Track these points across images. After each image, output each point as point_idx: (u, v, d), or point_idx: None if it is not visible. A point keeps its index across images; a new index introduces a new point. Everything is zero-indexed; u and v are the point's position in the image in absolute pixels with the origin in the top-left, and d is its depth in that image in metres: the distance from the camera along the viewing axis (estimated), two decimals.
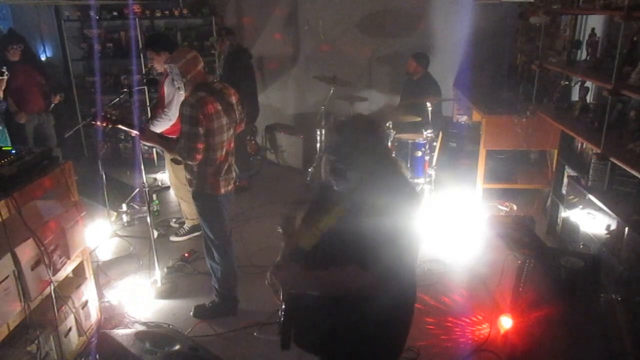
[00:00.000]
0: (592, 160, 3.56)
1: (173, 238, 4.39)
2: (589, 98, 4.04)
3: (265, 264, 3.84)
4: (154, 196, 4.94)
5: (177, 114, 3.82)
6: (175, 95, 3.80)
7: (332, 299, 1.75)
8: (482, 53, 5.86)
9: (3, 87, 3.47)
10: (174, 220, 4.71)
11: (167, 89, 3.88)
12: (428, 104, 4.76)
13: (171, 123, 3.86)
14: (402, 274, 1.73)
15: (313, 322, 1.85)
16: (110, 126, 3.27)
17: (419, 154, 4.65)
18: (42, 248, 2.37)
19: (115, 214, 4.66)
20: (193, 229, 4.37)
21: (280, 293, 1.89)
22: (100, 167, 4.36)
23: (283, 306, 1.86)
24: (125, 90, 4.35)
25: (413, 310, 1.91)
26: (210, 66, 6.12)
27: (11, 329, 2.28)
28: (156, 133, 3.24)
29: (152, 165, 5.96)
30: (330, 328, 1.81)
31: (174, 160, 3.90)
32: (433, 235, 4.13)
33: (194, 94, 2.87)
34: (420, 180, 4.68)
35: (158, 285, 3.59)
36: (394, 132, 4.76)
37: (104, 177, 4.36)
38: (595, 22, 4.07)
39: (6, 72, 3.51)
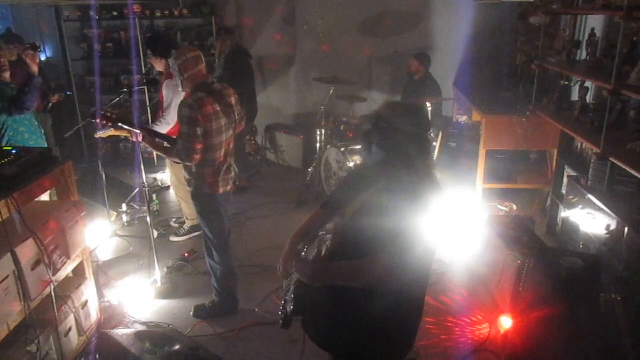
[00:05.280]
0: (592, 160, 3.55)
1: (173, 238, 4.40)
2: (589, 98, 4.04)
3: (265, 264, 3.86)
4: (154, 196, 4.94)
5: (175, 118, 3.82)
6: (174, 100, 3.80)
7: (339, 292, 1.75)
8: (482, 53, 5.85)
9: (37, 62, 3.49)
10: (174, 220, 4.71)
11: (165, 93, 3.88)
12: (428, 104, 4.76)
13: (169, 127, 3.85)
14: (408, 267, 1.70)
15: (320, 313, 1.86)
16: (110, 125, 3.27)
17: None
18: (42, 248, 2.37)
19: (115, 214, 4.66)
20: (193, 229, 4.37)
21: (289, 278, 1.92)
22: (100, 167, 4.37)
23: (292, 288, 1.86)
24: (125, 90, 4.35)
25: (420, 311, 1.91)
26: (210, 66, 6.12)
27: (11, 329, 2.28)
28: (155, 135, 3.23)
29: (152, 165, 5.96)
30: (336, 321, 1.82)
31: (174, 161, 3.91)
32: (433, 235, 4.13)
33: (193, 94, 2.87)
34: None
35: (158, 285, 3.59)
36: None
37: (104, 177, 4.37)
38: (595, 22, 4.07)
39: (40, 46, 3.52)
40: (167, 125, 3.85)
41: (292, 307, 1.83)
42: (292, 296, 1.85)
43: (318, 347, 1.92)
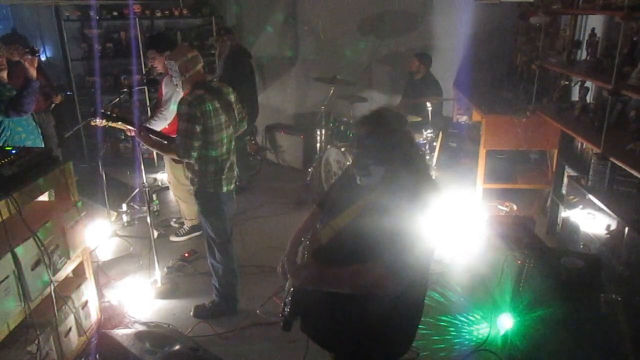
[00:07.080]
0: (592, 160, 3.55)
1: (173, 238, 4.39)
2: (589, 98, 4.04)
3: (265, 264, 3.86)
4: (154, 196, 4.94)
5: (173, 114, 3.83)
6: (173, 95, 3.80)
7: (337, 293, 1.74)
8: (482, 53, 5.85)
9: (35, 66, 3.51)
10: (174, 220, 4.71)
11: (165, 88, 3.88)
12: (428, 104, 4.76)
13: (167, 122, 3.86)
14: (408, 267, 1.69)
15: (319, 314, 1.86)
16: (110, 123, 3.27)
17: None
18: (42, 248, 2.37)
19: (115, 214, 4.66)
20: (193, 229, 4.37)
21: (289, 280, 1.91)
22: (100, 167, 4.36)
23: (291, 290, 1.86)
24: (125, 90, 4.34)
25: (419, 311, 1.91)
26: (210, 66, 6.13)
27: (11, 329, 2.27)
28: (152, 133, 3.24)
29: (152, 165, 5.96)
30: (335, 321, 1.82)
31: (173, 160, 3.91)
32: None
33: (192, 92, 2.88)
34: None
35: (158, 285, 3.59)
36: None
37: (104, 177, 4.36)
38: (595, 22, 4.07)
39: (38, 51, 3.54)
40: (164, 120, 3.85)
41: (288, 309, 1.83)
42: (289, 298, 1.85)
43: (319, 346, 1.92)
